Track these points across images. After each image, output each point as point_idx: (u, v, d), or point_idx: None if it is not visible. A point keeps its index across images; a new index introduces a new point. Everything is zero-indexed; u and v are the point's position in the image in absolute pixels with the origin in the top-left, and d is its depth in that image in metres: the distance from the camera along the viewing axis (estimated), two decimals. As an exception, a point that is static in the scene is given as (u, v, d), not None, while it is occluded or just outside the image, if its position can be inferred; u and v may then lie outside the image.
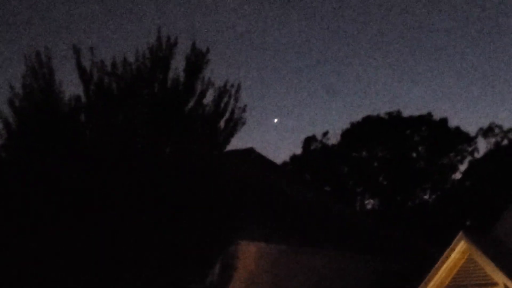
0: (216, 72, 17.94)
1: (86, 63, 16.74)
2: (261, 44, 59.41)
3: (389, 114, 41.20)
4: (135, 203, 16.12)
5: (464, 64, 63.17)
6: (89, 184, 15.98)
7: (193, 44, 17.14)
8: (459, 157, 40.30)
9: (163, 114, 16.86)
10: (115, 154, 16.24)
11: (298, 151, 43.32)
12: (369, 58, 66.54)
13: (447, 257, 19.71)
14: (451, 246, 19.56)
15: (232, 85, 17.35)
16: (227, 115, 17.58)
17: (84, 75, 16.76)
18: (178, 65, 17.25)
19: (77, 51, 16.58)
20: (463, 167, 40.97)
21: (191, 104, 17.39)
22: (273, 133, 59.94)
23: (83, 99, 16.92)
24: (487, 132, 39.96)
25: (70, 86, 17.29)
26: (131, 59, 16.90)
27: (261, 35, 59.92)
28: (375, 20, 62.78)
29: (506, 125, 41.43)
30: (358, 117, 43.16)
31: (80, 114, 17.09)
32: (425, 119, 40.69)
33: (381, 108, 56.86)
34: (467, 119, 65.41)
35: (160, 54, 16.99)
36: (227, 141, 17.76)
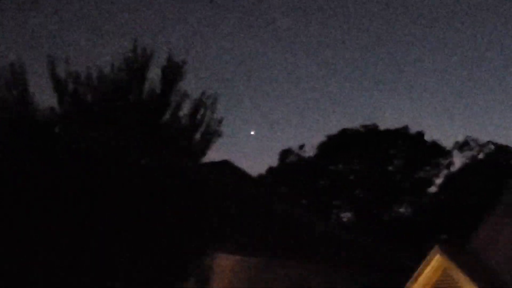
0: (192, 84, 18.00)
1: (61, 74, 16.65)
2: (237, 56, 60.12)
3: (366, 127, 41.03)
4: (108, 214, 16.09)
5: (441, 77, 64.23)
6: (64, 194, 15.92)
7: (169, 56, 17.19)
8: (435, 171, 40.18)
9: (138, 125, 16.78)
10: (90, 164, 16.21)
11: (275, 163, 42.77)
12: (346, 71, 67.39)
13: (422, 271, 19.92)
14: (427, 259, 19.80)
15: (208, 97, 17.34)
16: (203, 127, 17.67)
17: (58, 86, 16.83)
18: (154, 77, 17.16)
19: (51, 62, 16.63)
20: (439, 181, 40.73)
21: (166, 116, 17.40)
22: (249, 145, 60.28)
23: (58, 110, 16.87)
24: (463, 146, 40.13)
25: (45, 97, 17.24)
26: (106, 70, 16.78)
27: (237, 47, 60.67)
28: (350, 34, 63.64)
29: (483, 139, 41.62)
30: (334, 130, 43.35)
31: (55, 125, 17.08)
32: (402, 133, 40.67)
33: (358, 121, 57.74)
34: (443, 132, 66.58)
35: (136, 66, 16.99)
36: (203, 153, 17.83)
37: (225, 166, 24.01)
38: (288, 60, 63.48)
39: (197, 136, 17.75)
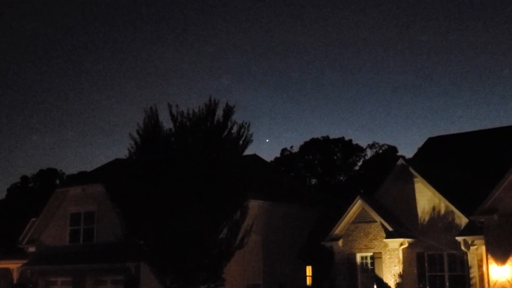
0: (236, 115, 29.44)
1: (174, 112, 28.40)
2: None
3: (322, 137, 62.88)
4: (194, 183, 26.83)
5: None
6: (174, 172, 27.06)
7: (227, 103, 28.76)
8: (358, 158, 60.71)
9: (212, 137, 28.17)
10: (187, 157, 27.52)
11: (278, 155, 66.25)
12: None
13: (351, 209, 31.86)
14: (353, 202, 31.64)
15: (245, 123, 28.78)
16: (243, 138, 28.81)
17: (172, 117, 28.48)
18: (219, 113, 28.63)
19: (170, 106, 28.47)
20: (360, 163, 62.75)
21: (225, 133, 28.54)
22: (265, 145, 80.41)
23: (173, 129, 28.47)
24: (372, 145, 61.15)
25: (166, 124, 28.92)
26: (196, 110, 28.52)
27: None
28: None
29: (382, 142, 63.49)
30: (308, 138, 66.28)
31: (171, 137, 28.50)
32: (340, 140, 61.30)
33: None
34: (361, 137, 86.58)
35: (211, 108, 28.47)
36: (243, 151, 29.19)
37: (255, 157, 38.30)
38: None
39: (240, 142, 28.82)
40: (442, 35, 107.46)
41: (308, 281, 38.34)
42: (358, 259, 31.91)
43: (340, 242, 32.17)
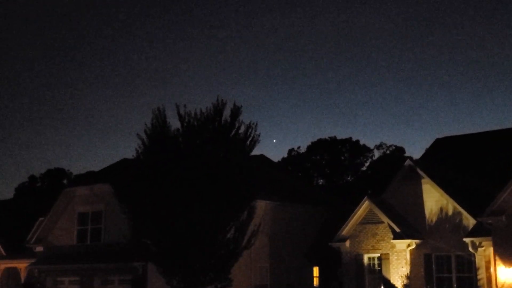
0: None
1: (181, 112, 28.32)
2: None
3: (329, 137, 62.86)
4: (203, 182, 26.78)
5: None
6: (181, 173, 26.98)
7: (234, 103, 28.69)
8: (365, 158, 60.55)
9: (219, 137, 28.09)
10: (193, 156, 27.46)
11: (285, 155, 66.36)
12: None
13: (358, 210, 31.75)
14: (361, 203, 31.69)
15: (253, 123, 28.68)
16: (250, 138, 28.79)
17: (180, 118, 28.39)
18: (227, 113, 28.51)
19: (177, 107, 28.41)
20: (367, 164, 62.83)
21: (232, 132, 28.53)
22: (273, 146, 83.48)
23: (180, 130, 28.40)
24: (379, 146, 60.97)
25: (174, 123, 28.85)
26: (204, 110, 28.51)
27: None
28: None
29: (389, 142, 63.67)
30: (315, 138, 65.78)
31: (179, 137, 28.44)
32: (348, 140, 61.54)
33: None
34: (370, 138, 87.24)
35: (218, 108, 28.36)
36: (250, 151, 29.14)
37: (262, 157, 38.29)
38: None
39: (247, 142, 28.88)
40: (450, 35, 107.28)
41: (315, 281, 38.25)
42: (366, 260, 31.82)
43: (347, 243, 32.04)
